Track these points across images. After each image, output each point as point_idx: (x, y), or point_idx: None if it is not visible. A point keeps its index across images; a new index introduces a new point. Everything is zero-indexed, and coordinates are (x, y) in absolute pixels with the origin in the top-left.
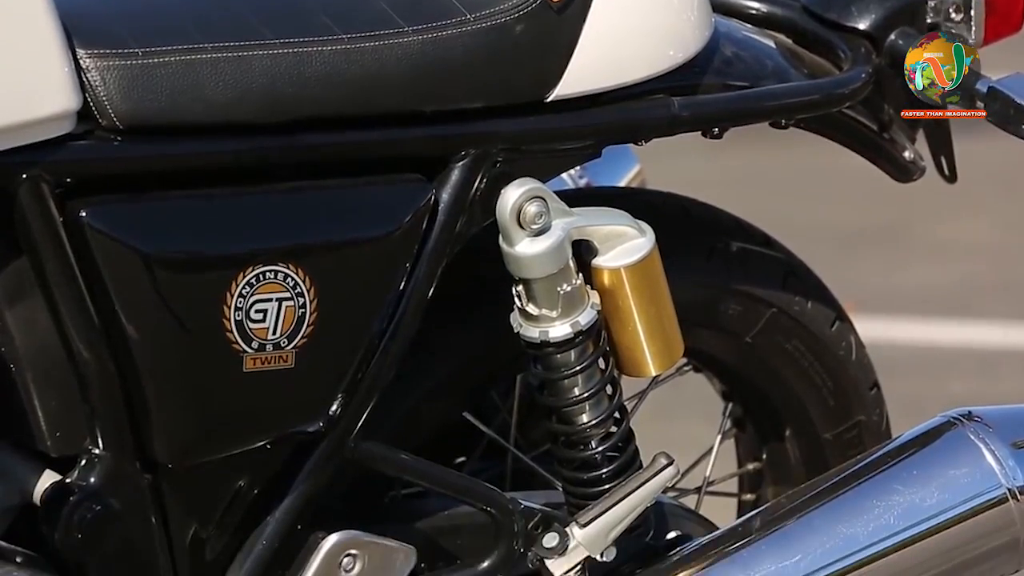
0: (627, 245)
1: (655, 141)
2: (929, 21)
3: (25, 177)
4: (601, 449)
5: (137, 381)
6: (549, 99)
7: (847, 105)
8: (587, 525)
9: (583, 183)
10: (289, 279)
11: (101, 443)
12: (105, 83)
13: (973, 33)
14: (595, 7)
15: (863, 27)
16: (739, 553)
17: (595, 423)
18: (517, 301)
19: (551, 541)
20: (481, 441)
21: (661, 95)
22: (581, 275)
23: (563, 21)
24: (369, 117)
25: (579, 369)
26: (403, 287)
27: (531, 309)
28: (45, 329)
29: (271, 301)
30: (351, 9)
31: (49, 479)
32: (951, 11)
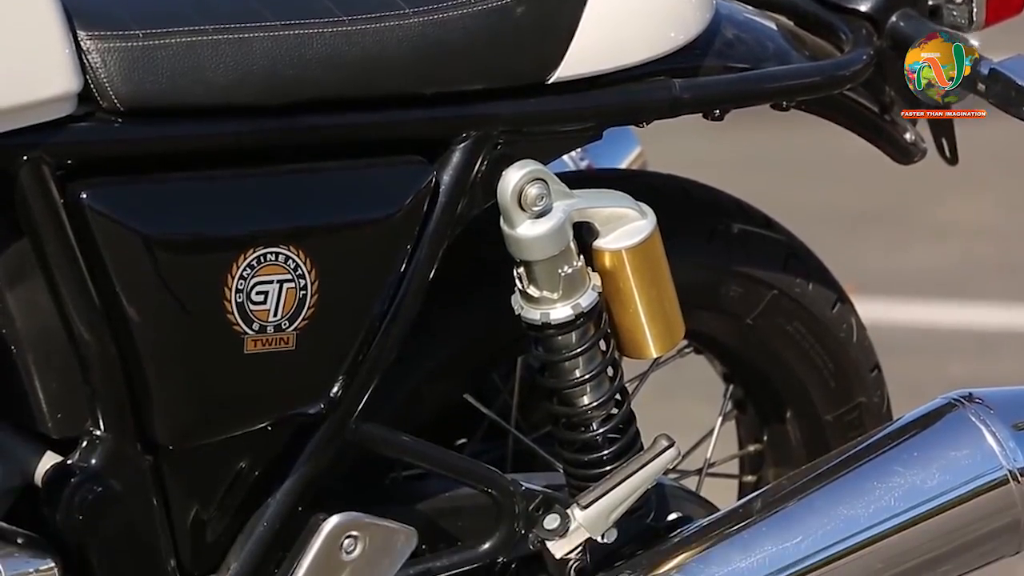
0: (628, 227)
1: (656, 123)
2: (931, 3)
3: (26, 159)
4: (602, 431)
5: (138, 363)
6: (550, 81)
7: (848, 87)
8: (588, 507)
9: (584, 165)
10: (290, 261)
11: (102, 425)
12: (106, 65)
13: (975, 15)
14: None
15: (864, 9)
16: (740, 534)
17: (596, 405)
18: (518, 283)
19: (552, 523)
20: (482, 423)
21: (662, 77)
22: (582, 257)
23: (564, 3)
24: (370, 99)
25: (580, 351)
26: (404, 269)
27: (532, 291)
28: (46, 311)
29: (272, 283)
30: None
31: (50, 461)
32: None
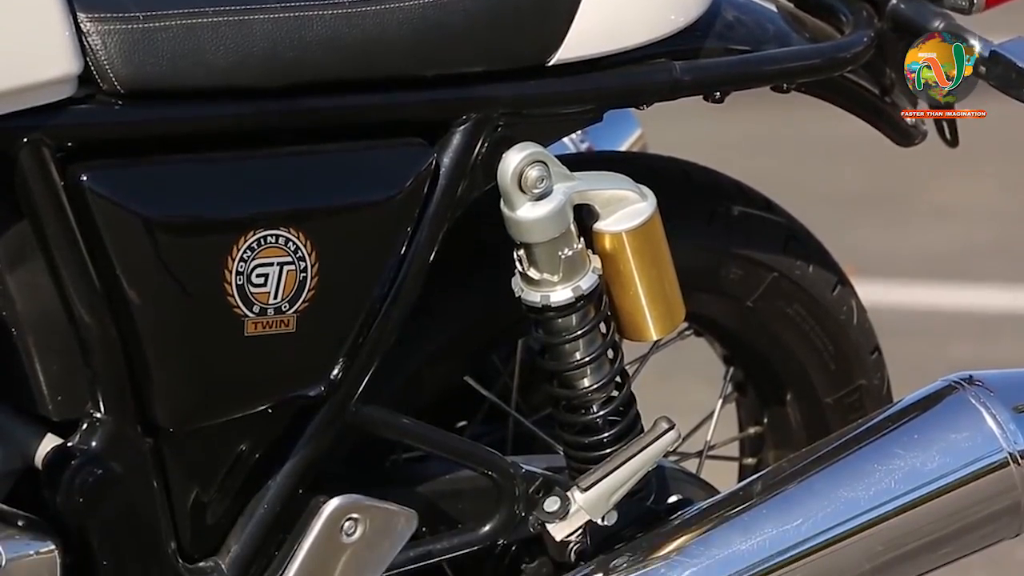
0: (628, 209)
1: (657, 105)
2: None
3: (26, 141)
4: (602, 413)
5: (138, 345)
6: (551, 63)
7: (849, 69)
8: (588, 489)
9: (584, 147)
10: (290, 243)
11: (102, 407)
12: (106, 47)
13: None
14: None
15: None
16: (740, 517)
17: (596, 387)
18: (518, 265)
19: (552, 505)
20: (482, 405)
21: (662, 59)
22: (582, 239)
23: None
24: (370, 81)
25: (580, 333)
26: (404, 251)
27: (532, 273)
28: (46, 293)
29: (272, 265)
30: None
31: (50, 443)
32: None
